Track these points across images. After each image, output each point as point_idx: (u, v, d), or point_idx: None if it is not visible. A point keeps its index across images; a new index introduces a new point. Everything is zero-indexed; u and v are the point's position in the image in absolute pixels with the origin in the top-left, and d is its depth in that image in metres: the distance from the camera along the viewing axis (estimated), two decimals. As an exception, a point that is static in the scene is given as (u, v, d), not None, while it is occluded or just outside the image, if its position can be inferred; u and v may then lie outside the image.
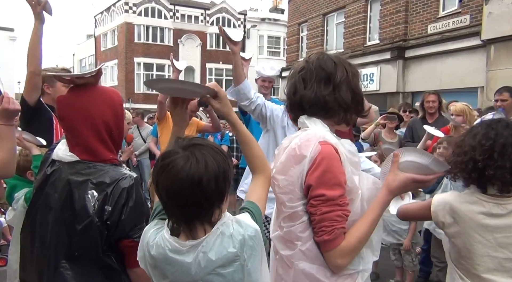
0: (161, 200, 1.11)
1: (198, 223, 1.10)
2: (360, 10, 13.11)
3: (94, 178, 1.48)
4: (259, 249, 1.13)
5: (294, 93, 1.40)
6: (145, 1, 27.34)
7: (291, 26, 16.93)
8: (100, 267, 1.47)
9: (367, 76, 12.42)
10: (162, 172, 1.07)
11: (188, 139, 1.13)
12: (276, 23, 28.73)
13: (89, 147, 1.52)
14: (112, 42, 29.14)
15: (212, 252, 1.07)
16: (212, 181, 1.06)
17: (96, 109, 1.54)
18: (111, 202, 1.45)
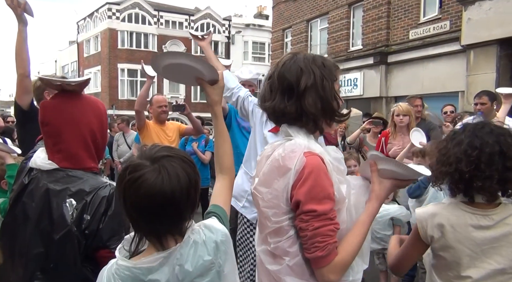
0: (128, 215, 1.04)
1: (169, 236, 1.05)
2: (343, 16, 13.27)
3: (73, 186, 1.45)
4: (231, 252, 1.12)
5: (263, 102, 1.36)
6: (128, 7, 27.17)
7: (276, 32, 17.03)
8: (77, 279, 1.43)
9: (351, 81, 12.55)
10: (130, 186, 1.00)
11: (156, 149, 1.06)
12: (260, 29, 28.86)
13: (71, 153, 1.50)
14: (95, 48, 28.83)
15: (188, 263, 1.03)
16: (184, 195, 1.02)
17: (82, 116, 1.52)
18: (90, 210, 1.42)
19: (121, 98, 26.42)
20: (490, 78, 8.11)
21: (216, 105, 1.38)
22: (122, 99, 26.35)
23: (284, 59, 1.34)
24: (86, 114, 1.53)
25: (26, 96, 2.54)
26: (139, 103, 4.05)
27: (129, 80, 26.75)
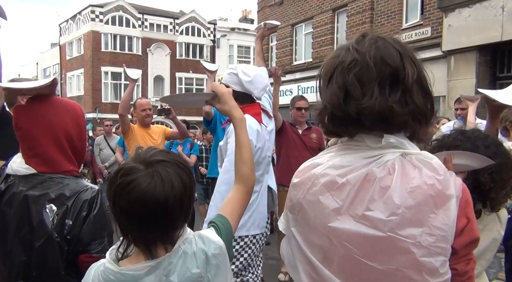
0: (118, 219, 1.00)
1: (159, 243, 1.01)
2: (327, 21, 13.40)
3: (53, 191, 1.41)
4: (224, 266, 1.05)
5: (344, 101, 0.94)
6: (112, 10, 26.90)
7: (261, 36, 17.10)
8: None
9: (335, 85, 12.67)
10: (122, 190, 0.95)
11: (151, 153, 1.02)
12: (245, 33, 28.93)
13: (47, 157, 1.45)
14: (78, 51, 28.43)
15: (174, 275, 0.98)
16: (178, 203, 0.98)
17: (57, 118, 1.48)
18: (72, 215, 1.39)
19: (105, 102, 26.09)
20: (470, 84, 8.30)
21: (229, 113, 1.30)
22: (105, 102, 26.02)
23: (368, 39, 0.97)
24: (61, 117, 1.49)
25: None
26: (123, 107, 4.01)
27: (112, 83, 26.45)
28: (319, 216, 0.95)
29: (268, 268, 4.61)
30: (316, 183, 0.96)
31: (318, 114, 1.01)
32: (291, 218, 1.05)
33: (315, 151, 4.35)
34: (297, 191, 1.01)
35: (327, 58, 1.02)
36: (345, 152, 0.98)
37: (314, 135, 4.39)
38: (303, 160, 3.87)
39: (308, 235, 0.99)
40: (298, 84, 14.17)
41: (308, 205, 0.98)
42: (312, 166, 1.01)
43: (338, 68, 0.96)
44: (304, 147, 4.26)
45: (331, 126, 1.00)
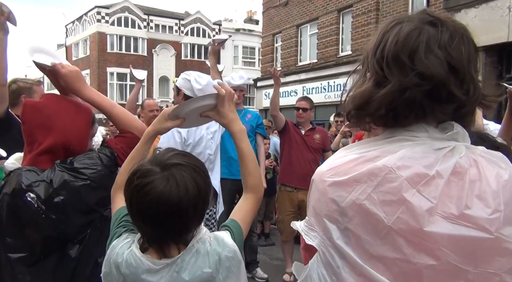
0: (133, 219, 1.05)
1: (172, 243, 1.04)
2: (332, 21, 13.39)
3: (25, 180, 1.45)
4: (236, 271, 1.07)
5: (467, 85, 0.80)
6: (118, 11, 27.05)
7: (266, 37, 17.11)
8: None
9: (341, 86, 12.64)
10: (138, 192, 0.99)
11: (168, 156, 1.04)
12: (250, 33, 28.96)
13: (35, 154, 1.50)
14: (84, 51, 28.62)
15: (185, 272, 1.01)
16: (192, 207, 1.00)
17: (59, 120, 1.51)
18: (62, 184, 1.43)
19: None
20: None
21: (229, 126, 1.28)
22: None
23: (444, 16, 0.85)
24: (62, 119, 1.51)
25: (2, 105, 2.52)
26: (129, 107, 4.05)
27: (118, 84, 26.58)
28: (403, 220, 0.73)
29: (273, 268, 4.61)
30: (392, 177, 0.75)
31: (385, 96, 0.81)
32: (334, 229, 0.81)
33: (317, 151, 4.35)
34: (349, 191, 0.79)
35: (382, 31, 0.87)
36: (404, 143, 0.81)
37: (318, 136, 4.38)
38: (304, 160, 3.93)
39: (374, 247, 0.76)
40: (303, 85, 14.16)
41: (379, 206, 0.75)
42: (365, 159, 0.80)
43: (429, 42, 0.80)
44: (306, 148, 4.26)
45: (383, 115, 0.83)
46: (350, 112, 0.89)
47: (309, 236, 0.86)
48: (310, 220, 0.87)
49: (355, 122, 0.90)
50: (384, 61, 0.82)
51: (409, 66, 0.79)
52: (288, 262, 4.41)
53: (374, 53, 0.86)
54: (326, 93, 13.11)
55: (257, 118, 4.28)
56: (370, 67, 0.86)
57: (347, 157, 0.84)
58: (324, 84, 13.31)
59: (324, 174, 0.85)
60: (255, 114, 4.37)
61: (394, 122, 0.83)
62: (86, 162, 1.48)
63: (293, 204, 4.27)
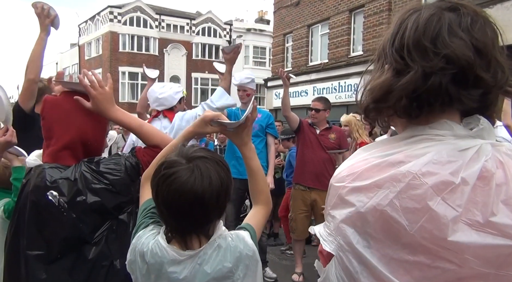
0: (159, 208, 1.09)
1: (194, 235, 1.08)
2: (344, 21, 13.33)
3: (48, 178, 1.47)
4: (254, 270, 1.10)
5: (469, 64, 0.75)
6: (130, 11, 27.27)
7: (276, 37, 17.10)
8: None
9: (352, 86, 12.59)
10: (164, 181, 1.03)
11: (193, 149, 1.09)
12: (261, 33, 28.96)
13: (55, 150, 1.53)
14: (97, 51, 28.91)
15: (208, 265, 1.05)
16: (214, 198, 1.04)
17: (77, 117, 1.54)
18: (84, 184, 1.45)
19: (122, 101, 26.44)
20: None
21: (242, 147, 1.32)
22: (122, 102, 26.37)
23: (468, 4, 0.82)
24: (81, 116, 1.54)
25: (31, 102, 2.62)
26: (141, 106, 4.09)
27: (130, 83, 26.79)
28: (427, 229, 0.70)
29: (282, 268, 4.61)
30: (417, 184, 0.72)
31: (407, 84, 0.77)
32: (352, 233, 0.78)
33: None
34: (370, 197, 0.76)
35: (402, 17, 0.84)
36: (427, 144, 0.77)
37: (333, 136, 4.36)
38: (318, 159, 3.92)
39: (394, 251, 0.74)
40: (314, 85, 14.12)
41: (401, 213, 0.72)
42: (387, 163, 0.77)
43: (451, 25, 0.77)
44: (320, 147, 4.25)
45: (406, 105, 0.78)
46: (368, 106, 0.84)
47: (326, 241, 0.83)
48: (329, 225, 0.84)
49: (374, 117, 0.86)
50: (404, 49, 0.79)
51: (432, 50, 0.75)
52: (298, 262, 4.40)
53: (392, 43, 0.82)
54: (337, 93, 13.05)
55: (267, 118, 4.28)
56: (389, 58, 0.82)
57: (368, 161, 0.80)
58: (335, 85, 13.26)
59: (343, 179, 0.82)
60: (266, 114, 4.36)
61: (418, 112, 0.79)
62: (112, 167, 1.51)
63: (306, 203, 4.27)
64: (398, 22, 0.83)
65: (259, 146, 4.13)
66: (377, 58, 0.87)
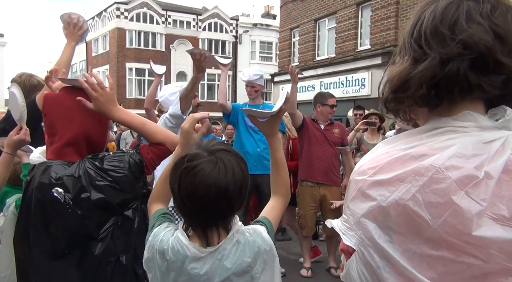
0: (181, 201, 1.07)
1: (214, 229, 1.09)
2: (351, 15, 13.22)
3: (53, 174, 1.49)
4: (271, 265, 1.11)
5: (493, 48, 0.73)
6: (136, 7, 27.29)
7: (283, 32, 17.02)
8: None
9: (359, 81, 12.50)
10: (187, 174, 1.04)
11: (213, 143, 1.11)
12: (268, 28, 28.84)
13: (58, 147, 1.54)
14: (104, 47, 29.01)
15: (228, 260, 1.06)
16: (237, 189, 1.05)
17: (79, 113, 1.54)
18: (88, 180, 1.47)
19: (129, 97, 26.56)
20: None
21: (270, 137, 1.33)
22: (130, 98, 26.49)
23: None
24: (83, 111, 1.54)
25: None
26: (148, 102, 4.10)
27: (136, 79, 26.87)
28: (451, 223, 0.70)
29: (290, 263, 4.62)
30: (440, 178, 0.71)
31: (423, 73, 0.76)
32: (374, 228, 0.77)
33: (337, 145, 4.33)
34: (391, 191, 0.75)
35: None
36: (451, 136, 0.75)
37: (337, 130, 4.36)
38: (326, 155, 3.94)
39: (416, 246, 0.73)
40: (321, 80, 14.06)
41: (424, 208, 0.71)
42: (410, 156, 0.75)
43: (470, 12, 0.75)
44: (327, 143, 4.24)
45: (425, 93, 0.76)
46: (388, 97, 0.83)
47: (346, 235, 0.82)
48: (348, 219, 0.83)
49: (394, 107, 0.85)
50: (422, 38, 0.78)
51: (449, 37, 0.75)
52: (306, 257, 4.41)
53: (411, 33, 0.82)
54: (344, 88, 12.98)
55: (274, 113, 4.27)
56: (407, 48, 0.81)
57: (390, 154, 0.79)
58: (342, 79, 13.19)
59: (364, 173, 0.81)
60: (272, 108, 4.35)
61: (437, 101, 0.78)
62: (115, 164, 1.51)
63: (315, 199, 4.27)
64: (417, 14, 0.83)
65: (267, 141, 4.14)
66: (399, 51, 0.86)
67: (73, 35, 2.51)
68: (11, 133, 1.81)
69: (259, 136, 4.12)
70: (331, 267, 4.37)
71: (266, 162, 4.15)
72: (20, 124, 1.84)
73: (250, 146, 4.11)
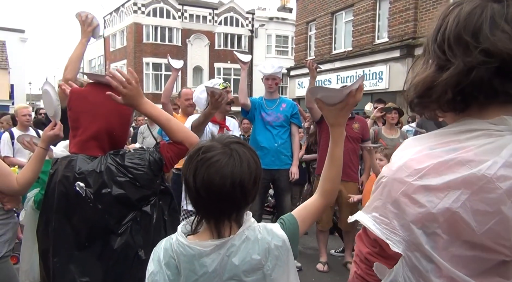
0: (196, 193, 1.05)
1: (227, 222, 1.08)
2: (368, 8, 13.02)
3: (76, 169, 1.52)
4: (285, 259, 1.10)
5: None
6: (153, 2, 27.46)
7: (299, 25, 16.89)
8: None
9: (376, 74, 12.34)
10: (203, 165, 1.03)
11: (226, 136, 1.12)
12: (284, 22, 28.66)
13: (82, 141, 1.58)
14: (121, 42, 29.32)
15: (236, 257, 1.05)
16: (252, 180, 1.06)
17: (103, 108, 1.58)
18: (109, 176, 1.50)
19: (146, 92, 26.82)
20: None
21: (333, 127, 1.26)
22: (147, 92, 26.74)
23: None
24: (107, 107, 1.58)
25: (65, 100, 2.75)
26: (165, 96, 4.14)
27: (153, 74, 27.11)
28: (495, 231, 0.73)
29: (306, 257, 4.62)
30: (491, 188, 0.72)
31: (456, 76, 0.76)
32: (420, 234, 0.78)
33: (356, 141, 4.27)
34: (440, 197, 0.75)
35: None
36: (489, 140, 0.76)
37: (357, 125, 4.28)
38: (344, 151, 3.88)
39: (454, 247, 0.76)
40: (338, 74, 13.92)
41: (471, 215, 0.73)
42: (457, 162, 0.76)
43: (494, 17, 0.76)
44: (346, 138, 4.18)
45: (450, 99, 0.79)
46: (413, 101, 0.86)
47: (391, 240, 0.81)
48: (391, 222, 0.82)
49: (419, 110, 0.88)
50: (445, 44, 0.79)
51: (473, 45, 0.75)
52: (323, 252, 4.40)
53: (435, 38, 0.83)
54: (361, 82, 12.83)
55: (292, 108, 4.24)
56: (431, 53, 0.83)
57: (432, 156, 0.79)
58: (359, 73, 13.03)
59: (406, 173, 0.79)
60: (291, 104, 4.32)
61: (463, 105, 0.80)
62: (136, 161, 1.55)
63: None
64: (441, 17, 0.84)
65: (284, 136, 4.11)
66: (423, 52, 0.88)
67: (84, 32, 2.60)
68: (46, 129, 1.86)
69: (276, 131, 4.10)
70: (347, 262, 4.35)
71: (283, 157, 4.14)
72: (54, 120, 1.88)
73: (268, 141, 4.11)
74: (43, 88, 2.03)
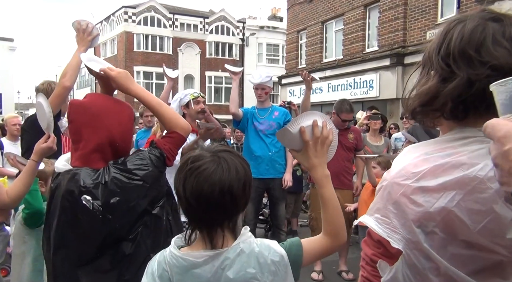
0: (187, 202, 1.06)
1: (220, 230, 1.07)
2: (358, 17, 13.18)
3: (81, 182, 1.50)
4: (282, 276, 1.08)
5: None
6: (144, 10, 27.49)
7: (290, 34, 17.02)
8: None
9: (367, 82, 12.45)
10: (191, 174, 1.04)
11: (215, 145, 1.13)
12: (275, 31, 28.87)
13: (84, 153, 1.54)
14: (112, 51, 29.24)
15: (230, 270, 1.03)
16: (241, 187, 1.06)
17: (104, 120, 1.56)
18: (116, 185, 1.48)
19: (137, 101, 26.65)
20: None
21: (310, 171, 1.22)
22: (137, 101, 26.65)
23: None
24: (108, 118, 1.56)
25: (59, 107, 2.71)
26: None
27: (144, 82, 27.03)
28: (489, 228, 0.77)
29: (300, 267, 4.59)
30: (483, 188, 0.77)
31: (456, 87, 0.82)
32: (419, 232, 0.83)
33: (351, 150, 4.32)
34: (437, 197, 0.81)
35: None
36: (481, 146, 0.81)
37: (351, 136, 4.35)
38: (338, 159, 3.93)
39: (452, 246, 0.81)
40: (329, 82, 14.02)
41: (465, 214, 0.78)
42: (451, 165, 0.81)
43: (495, 35, 0.82)
44: (340, 146, 4.22)
45: (452, 108, 0.84)
46: (415, 109, 0.91)
47: (392, 238, 0.86)
48: (391, 222, 0.87)
49: (421, 119, 0.94)
50: (450, 57, 0.85)
51: (477, 59, 0.82)
52: (317, 260, 4.38)
53: (438, 51, 0.88)
54: (352, 90, 12.93)
55: (284, 115, 4.25)
56: (435, 65, 0.88)
57: (429, 160, 0.84)
58: (350, 81, 13.14)
59: (406, 177, 0.85)
60: (283, 111, 4.33)
61: (464, 114, 0.86)
62: (138, 162, 1.53)
63: None
64: (443, 32, 0.90)
65: (278, 144, 4.12)
66: (423, 64, 0.94)
67: (83, 41, 2.57)
68: (40, 142, 1.84)
69: (269, 140, 4.10)
70: (342, 270, 4.33)
71: (277, 166, 4.13)
72: (48, 133, 1.86)
73: (261, 150, 4.10)
74: (37, 100, 2.00)
